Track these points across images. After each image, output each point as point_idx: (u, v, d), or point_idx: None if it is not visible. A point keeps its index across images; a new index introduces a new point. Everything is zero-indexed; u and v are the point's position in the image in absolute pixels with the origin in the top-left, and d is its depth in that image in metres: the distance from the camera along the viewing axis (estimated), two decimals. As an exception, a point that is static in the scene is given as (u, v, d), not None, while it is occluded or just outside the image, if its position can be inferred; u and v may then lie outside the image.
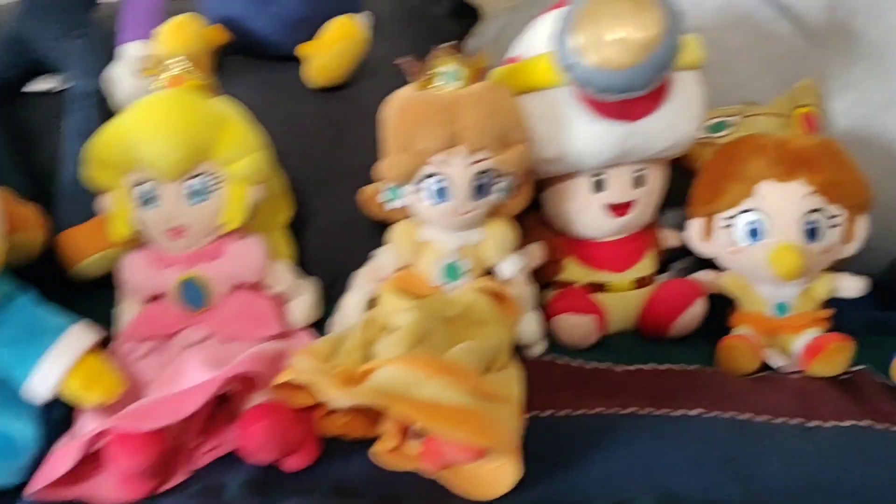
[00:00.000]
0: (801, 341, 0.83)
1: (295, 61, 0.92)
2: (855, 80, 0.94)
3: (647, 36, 0.72)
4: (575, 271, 0.89)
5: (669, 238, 0.92)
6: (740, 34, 0.97)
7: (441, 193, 0.77)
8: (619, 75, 0.73)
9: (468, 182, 0.76)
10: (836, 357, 0.80)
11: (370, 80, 0.93)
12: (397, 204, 0.81)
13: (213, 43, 0.92)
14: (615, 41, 0.72)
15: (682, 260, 0.95)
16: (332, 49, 0.88)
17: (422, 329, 0.73)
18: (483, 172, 0.77)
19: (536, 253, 0.89)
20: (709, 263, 0.88)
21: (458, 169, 0.76)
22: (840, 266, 0.86)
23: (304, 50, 0.91)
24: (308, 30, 0.91)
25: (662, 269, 0.94)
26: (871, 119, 0.93)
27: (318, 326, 0.83)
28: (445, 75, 0.76)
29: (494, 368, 0.76)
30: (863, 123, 0.93)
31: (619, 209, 0.85)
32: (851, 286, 0.85)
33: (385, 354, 0.70)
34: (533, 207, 0.89)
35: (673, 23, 0.72)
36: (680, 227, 0.90)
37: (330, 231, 0.90)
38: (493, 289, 0.81)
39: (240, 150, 0.75)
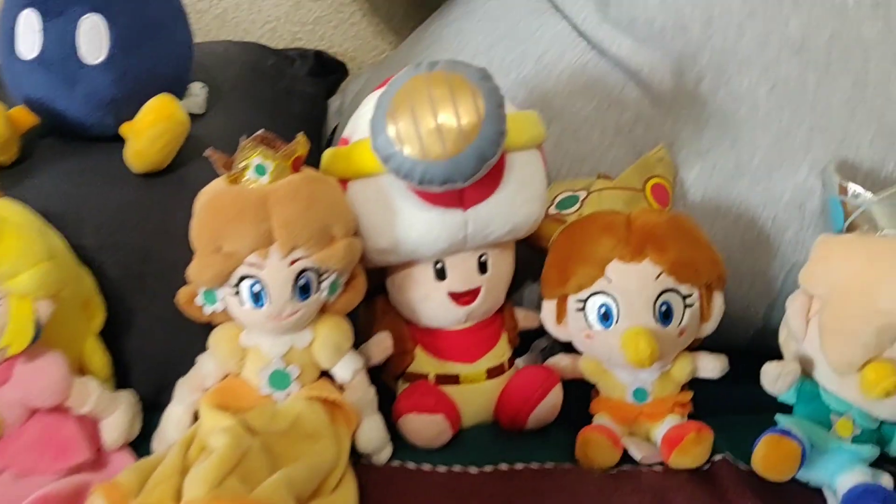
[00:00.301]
0: (661, 430, 0.79)
1: (120, 141, 0.84)
2: (704, 148, 0.91)
3: (466, 124, 0.67)
4: (425, 363, 0.83)
5: (525, 319, 0.87)
6: (590, 100, 0.93)
7: (258, 297, 0.70)
8: (438, 166, 0.68)
9: (288, 283, 0.70)
10: (695, 448, 0.76)
11: (203, 160, 0.86)
12: (216, 308, 0.73)
13: (19, 126, 0.83)
14: (432, 131, 0.67)
15: (545, 338, 0.89)
16: (146, 133, 0.80)
17: (236, 454, 0.66)
18: (304, 271, 0.70)
19: (383, 344, 0.82)
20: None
21: (274, 270, 0.69)
22: (702, 343, 0.83)
23: (123, 132, 0.83)
24: (127, 109, 0.83)
25: (525, 347, 0.89)
26: (722, 189, 0.90)
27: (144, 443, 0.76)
28: (256, 167, 0.69)
29: (327, 489, 0.69)
30: (714, 194, 0.90)
31: (464, 298, 0.80)
32: (712, 366, 0.82)
33: (188, 491, 0.62)
34: (382, 291, 0.84)
35: (494, 107, 0.68)
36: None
37: (153, 333, 0.81)
38: (327, 396, 0.74)
39: (19, 263, 0.67)
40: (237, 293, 0.71)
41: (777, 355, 0.81)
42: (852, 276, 0.74)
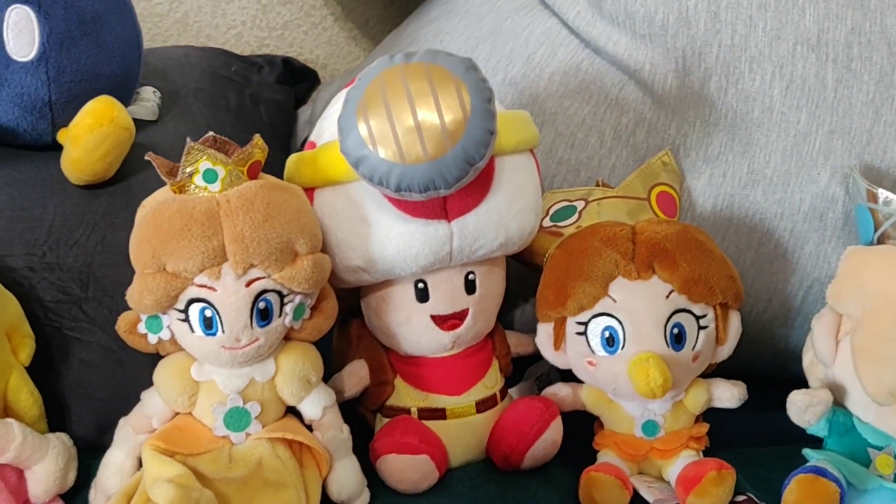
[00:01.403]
0: (674, 468, 0.72)
1: (58, 148, 0.75)
2: (713, 153, 0.84)
3: (449, 122, 0.59)
4: (406, 395, 0.74)
5: (519, 344, 0.79)
6: (586, 103, 0.86)
7: (210, 324, 0.62)
8: (418, 171, 0.59)
9: (244, 307, 0.61)
10: (715, 489, 0.68)
11: (155, 170, 0.78)
12: (161, 336, 0.64)
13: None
14: (409, 130, 0.59)
15: (541, 364, 0.82)
16: (84, 139, 0.71)
17: (183, 510, 0.56)
18: (263, 293, 0.62)
19: (358, 374, 0.74)
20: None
21: (228, 292, 0.61)
22: (716, 369, 0.75)
23: (60, 138, 0.74)
24: (64, 113, 0.74)
25: (519, 376, 0.82)
26: (734, 198, 0.84)
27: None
28: (205, 173, 0.60)
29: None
30: (725, 204, 0.84)
31: (449, 321, 0.72)
32: (729, 394, 0.74)
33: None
34: (357, 314, 0.76)
35: (482, 103, 0.60)
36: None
37: (94, 365, 0.72)
38: (293, 437, 0.65)
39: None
40: (186, 319, 0.62)
41: (796, 380, 0.75)
42: (888, 294, 0.67)
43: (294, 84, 1.20)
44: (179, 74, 0.99)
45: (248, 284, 0.61)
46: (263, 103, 1.08)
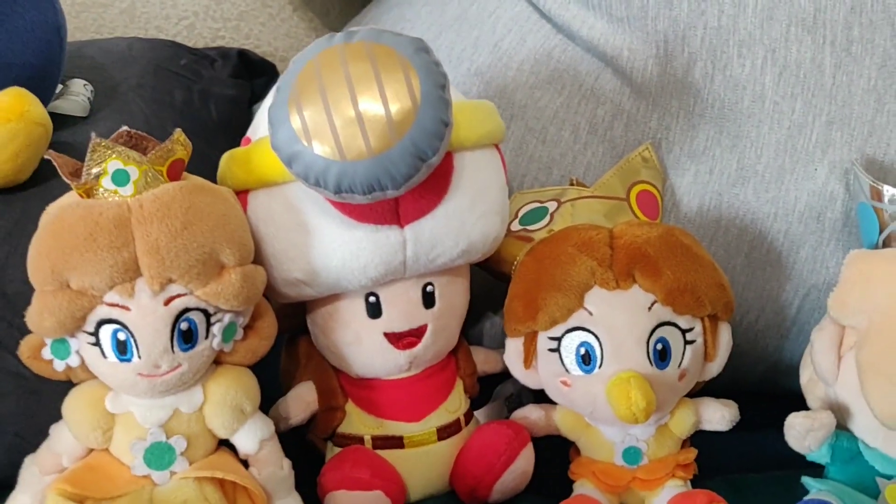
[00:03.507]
0: (660, 500, 0.67)
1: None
2: (699, 147, 0.79)
3: (396, 111, 0.52)
4: (359, 422, 0.68)
5: (486, 362, 0.73)
6: (558, 94, 0.81)
7: (124, 348, 0.55)
8: (360, 168, 0.52)
9: (163, 329, 0.54)
10: None
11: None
12: (69, 362, 0.57)
13: None
14: (350, 121, 0.52)
15: (511, 381, 0.75)
16: (-9, 138, 0.64)
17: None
18: (185, 312, 0.55)
19: (306, 399, 0.68)
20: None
21: (142, 312, 0.54)
22: (704, 387, 0.71)
23: (-35, 138, 0.67)
24: None
25: (487, 396, 0.76)
26: (722, 197, 0.79)
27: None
28: (115, 175, 0.53)
29: None
30: (713, 203, 0.79)
31: (405, 339, 0.65)
32: (719, 416, 0.69)
33: None
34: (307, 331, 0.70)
35: (434, 88, 0.53)
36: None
37: (4, 393, 0.65)
38: (224, 475, 0.58)
39: None
40: (97, 343, 0.55)
41: (792, 396, 0.70)
42: None
43: (251, 78, 1.14)
44: (120, 68, 0.94)
45: (167, 302, 0.54)
46: (214, 100, 1.03)
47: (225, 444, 0.61)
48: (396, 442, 0.67)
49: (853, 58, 0.77)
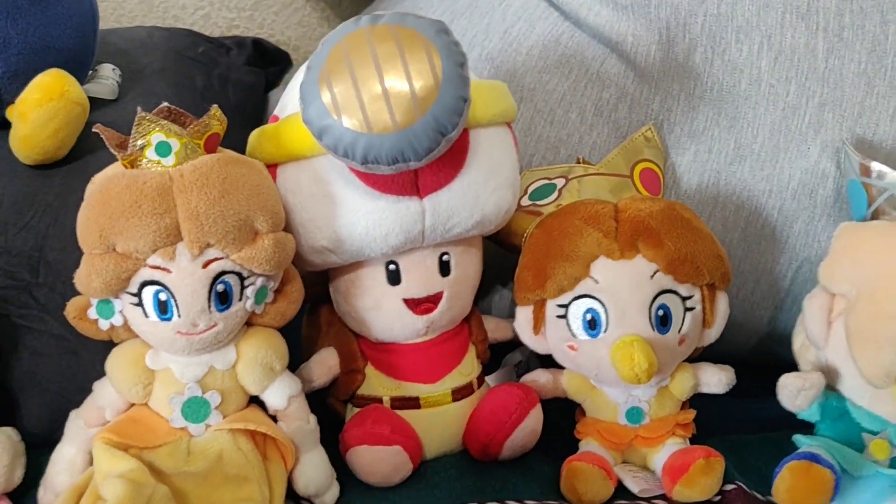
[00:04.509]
0: (660, 456, 0.69)
1: (6, 126, 0.72)
2: (699, 128, 0.81)
3: (419, 88, 0.55)
4: (378, 384, 0.71)
5: (497, 329, 0.76)
6: (566, 77, 0.82)
7: (165, 308, 0.58)
8: (386, 141, 0.56)
9: (201, 290, 0.58)
10: (703, 479, 0.66)
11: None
12: (113, 322, 0.60)
13: None
14: (376, 97, 0.55)
15: (520, 350, 0.79)
16: (33, 115, 0.67)
17: (134, 506, 0.52)
18: (222, 275, 0.58)
19: (328, 362, 0.71)
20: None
21: (183, 274, 0.57)
22: (701, 354, 0.73)
23: (9, 115, 0.70)
24: (12, 88, 0.70)
25: (497, 362, 0.78)
26: (720, 175, 0.80)
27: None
28: (158, 146, 0.56)
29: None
30: (711, 180, 0.80)
31: (423, 305, 0.68)
32: (717, 379, 0.71)
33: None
34: (327, 299, 0.72)
35: (454, 67, 0.56)
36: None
37: (46, 354, 0.68)
38: (256, 428, 0.61)
39: None
40: (139, 303, 0.58)
41: (784, 365, 0.72)
42: (884, 272, 0.65)
43: (265, 66, 1.15)
44: (143, 54, 0.95)
45: (206, 266, 0.57)
46: (231, 85, 1.04)
47: (255, 402, 0.64)
48: (413, 402, 0.70)
49: (844, 43, 0.79)
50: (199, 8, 1.19)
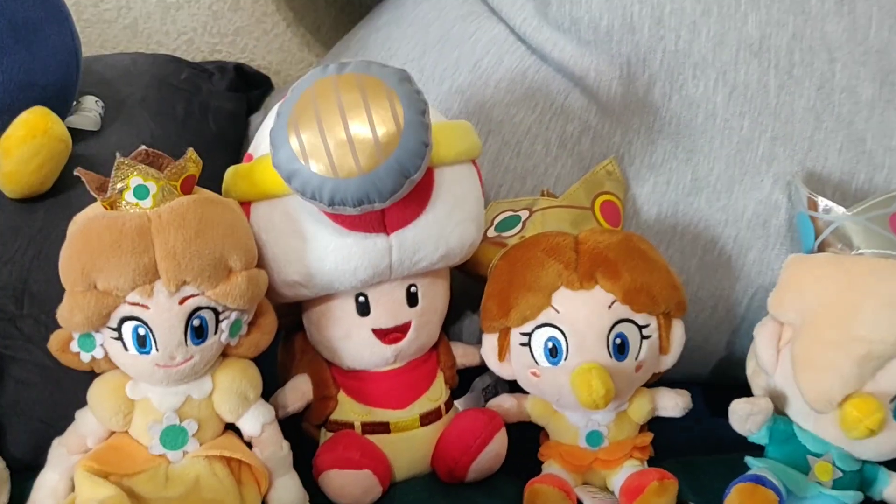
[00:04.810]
0: (618, 478, 0.72)
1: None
2: (657, 160, 0.84)
3: (382, 134, 0.58)
4: (349, 409, 0.73)
5: (465, 356, 0.78)
6: (532, 110, 0.85)
7: (144, 342, 0.60)
8: (351, 185, 0.58)
9: (178, 325, 0.60)
10: (658, 499, 0.68)
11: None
12: (95, 354, 0.63)
13: None
14: (342, 143, 0.58)
15: (489, 374, 0.81)
16: (17, 151, 0.69)
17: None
18: (198, 310, 0.60)
19: (301, 389, 0.73)
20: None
21: (161, 310, 0.60)
22: (660, 378, 0.75)
23: (-7, 151, 0.72)
24: None
25: (466, 387, 0.80)
26: (678, 205, 0.83)
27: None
28: (136, 189, 0.59)
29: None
30: (670, 211, 0.83)
31: (391, 335, 0.70)
32: (673, 404, 0.74)
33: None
34: (302, 328, 0.74)
35: (415, 115, 0.59)
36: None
37: (30, 384, 0.70)
38: (231, 454, 0.64)
39: None
40: (119, 337, 0.61)
41: (743, 387, 0.75)
42: (827, 301, 0.68)
43: (247, 90, 1.17)
44: (126, 83, 0.97)
45: (182, 302, 0.60)
46: (213, 112, 1.06)
47: (231, 429, 0.67)
48: (383, 427, 0.72)
49: (794, 80, 0.81)
50: (183, 34, 1.20)
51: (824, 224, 0.73)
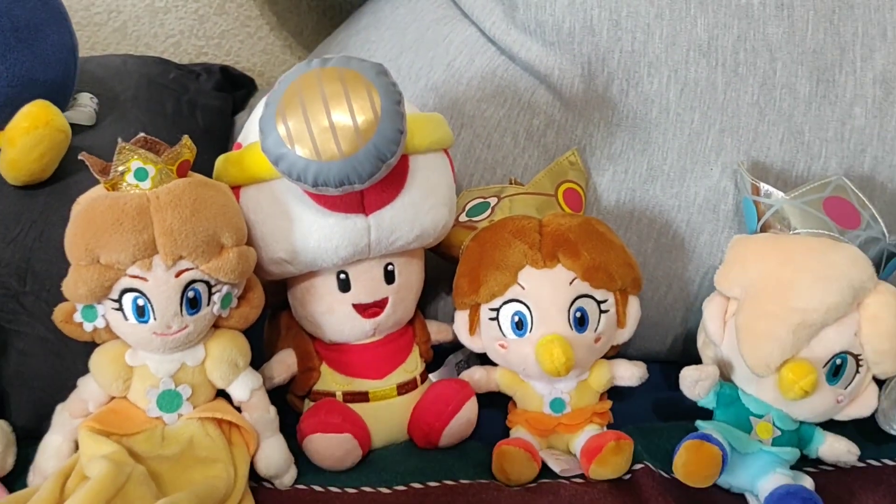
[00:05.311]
0: (579, 441, 0.76)
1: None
2: (616, 151, 0.89)
3: (361, 122, 0.63)
4: (331, 380, 0.78)
5: (439, 332, 0.83)
6: (501, 106, 0.90)
7: (142, 312, 0.65)
8: (333, 167, 0.63)
9: (174, 296, 0.65)
10: (615, 458, 0.73)
11: (88, 170, 0.80)
12: (97, 325, 0.67)
13: None
14: (325, 129, 0.63)
15: (462, 351, 0.86)
16: (20, 141, 0.74)
17: (115, 483, 0.60)
18: (192, 283, 0.65)
19: (286, 362, 0.78)
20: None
21: (158, 282, 0.64)
22: (620, 352, 0.81)
23: (-1, 140, 0.77)
24: (1, 116, 0.77)
25: (442, 361, 0.85)
26: (635, 193, 0.88)
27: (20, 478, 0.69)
28: (136, 172, 0.64)
29: (223, 514, 0.64)
30: (627, 198, 0.88)
31: (370, 309, 0.75)
32: (630, 374, 0.80)
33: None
34: (287, 307, 0.79)
35: (391, 104, 0.64)
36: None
37: (32, 355, 0.75)
38: (222, 416, 0.69)
39: None
40: (119, 308, 0.66)
41: (698, 362, 0.80)
42: (766, 276, 0.73)
43: (233, 91, 1.21)
44: (118, 82, 1.01)
45: (178, 275, 0.64)
46: (200, 109, 1.10)
47: (222, 395, 0.72)
48: (363, 396, 0.76)
49: (740, 77, 0.86)
50: (170, 36, 1.24)
51: (766, 207, 0.79)
